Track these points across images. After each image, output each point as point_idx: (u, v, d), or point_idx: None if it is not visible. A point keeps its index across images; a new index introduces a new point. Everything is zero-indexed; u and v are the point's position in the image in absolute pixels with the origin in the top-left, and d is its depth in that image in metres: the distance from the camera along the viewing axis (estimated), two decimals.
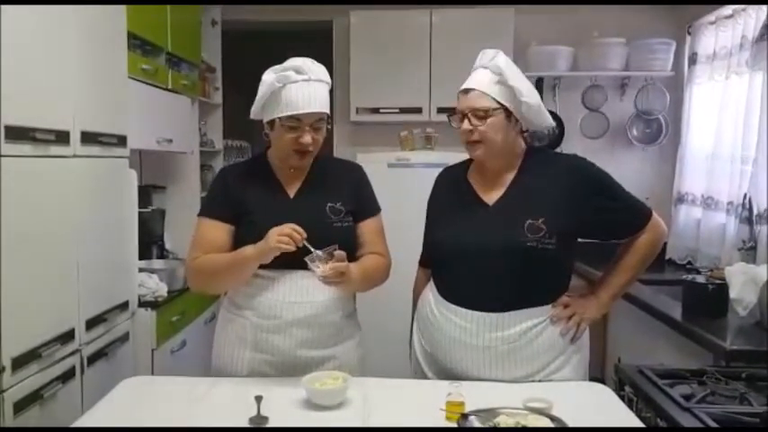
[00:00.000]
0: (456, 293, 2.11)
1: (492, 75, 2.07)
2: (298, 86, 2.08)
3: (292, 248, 1.95)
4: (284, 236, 1.95)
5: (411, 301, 2.40)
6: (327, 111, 2.14)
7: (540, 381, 2.08)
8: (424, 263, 2.35)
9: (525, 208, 2.06)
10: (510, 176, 2.14)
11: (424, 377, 2.21)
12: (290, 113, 2.08)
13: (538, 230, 2.02)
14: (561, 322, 2.10)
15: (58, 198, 2.40)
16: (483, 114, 2.06)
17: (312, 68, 2.13)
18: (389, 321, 2.62)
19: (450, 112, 2.19)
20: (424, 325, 2.21)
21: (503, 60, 2.07)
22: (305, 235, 1.97)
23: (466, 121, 2.09)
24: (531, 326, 2.06)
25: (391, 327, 2.64)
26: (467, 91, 2.10)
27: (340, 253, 1.98)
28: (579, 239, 2.14)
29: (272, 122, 2.15)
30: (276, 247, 1.96)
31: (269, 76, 2.11)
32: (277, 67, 2.13)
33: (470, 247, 2.08)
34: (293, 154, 2.14)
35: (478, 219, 2.12)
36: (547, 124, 2.17)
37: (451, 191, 2.25)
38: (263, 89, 2.11)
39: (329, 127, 2.19)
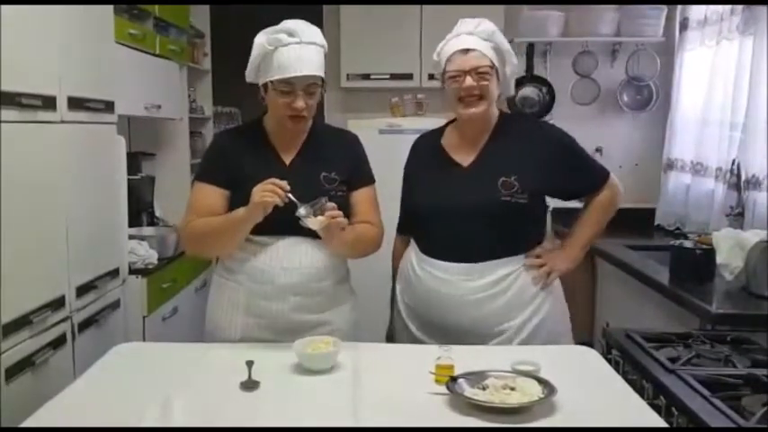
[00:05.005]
0: (436, 249, 2.22)
1: (482, 40, 2.18)
2: (289, 49, 2.05)
3: (278, 201, 1.94)
4: (266, 191, 1.95)
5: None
6: (321, 74, 2.11)
7: (520, 323, 2.18)
8: (401, 229, 2.43)
9: (499, 167, 2.19)
10: (483, 140, 2.26)
11: (408, 331, 2.28)
12: (281, 77, 2.06)
13: (511, 186, 2.16)
14: (533, 270, 2.22)
15: (46, 164, 2.37)
16: (486, 71, 2.16)
17: (305, 31, 2.09)
18: (378, 288, 2.63)
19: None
20: (406, 282, 2.30)
21: (491, 26, 2.19)
22: (287, 188, 1.96)
23: (468, 78, 2.16)
24: (506, 274, 2.18)
25: (380, 294, 2.64)
26: (466, 51, 2.17)
27: (330, 204, 2.00)
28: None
29: (266, 86, 2.13)
30: (261, 202, 1.95)
31: (261, 38, 2.09)
32: (269, 29, 2.10)
33: (449, 206, 2.19)
34: (287, 119, 2.13)
35: (456, 180, 2.24)
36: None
37: (428, 156, 2.36)
38: (255, 52, 2.09)
39: (324, 91, 2.16)
